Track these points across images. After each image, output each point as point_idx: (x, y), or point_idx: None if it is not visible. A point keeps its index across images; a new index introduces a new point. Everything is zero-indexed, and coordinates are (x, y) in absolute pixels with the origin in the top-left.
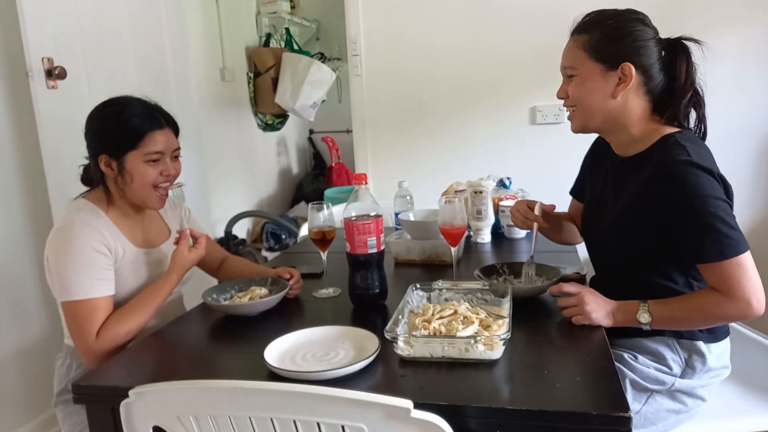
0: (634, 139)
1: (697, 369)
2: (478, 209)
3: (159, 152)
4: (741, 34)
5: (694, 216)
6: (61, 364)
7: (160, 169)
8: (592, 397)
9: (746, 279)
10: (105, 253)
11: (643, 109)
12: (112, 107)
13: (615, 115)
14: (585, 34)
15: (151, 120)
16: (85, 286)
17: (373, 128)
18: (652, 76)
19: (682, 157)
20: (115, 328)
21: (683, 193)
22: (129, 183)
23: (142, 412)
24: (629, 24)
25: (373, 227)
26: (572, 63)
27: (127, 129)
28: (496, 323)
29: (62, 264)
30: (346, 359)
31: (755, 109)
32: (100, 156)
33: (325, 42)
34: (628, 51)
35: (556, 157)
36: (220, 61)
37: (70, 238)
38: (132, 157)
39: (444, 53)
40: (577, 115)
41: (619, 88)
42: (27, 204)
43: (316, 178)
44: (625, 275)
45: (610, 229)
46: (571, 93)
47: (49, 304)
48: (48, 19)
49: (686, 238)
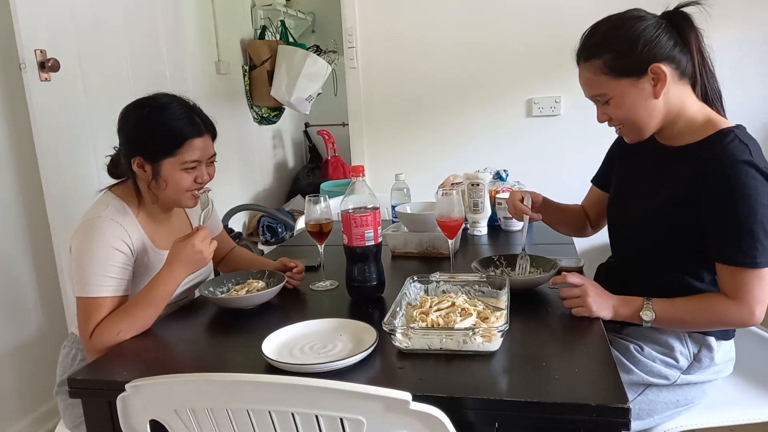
0: (685, 128)
1: (704, 364)
2: (475, 201)
3: (196, 161)
4: (739, 29)
5: (739, 217)
6: (66, 353)
7: (195, 175)
8: (591, 389)
9: (760, 290)
10: (125, 252)
11: (686, 93)
12: (150, 107)
13: (666, 111)
14: (595, 59)
15: (191, 125)
16: (97, 283)
17: (369, 121)
18: (678, 61)
19: (745, 156)
20: (107, 327)
21: (736, 193)
22: (162, 188)
23: (139, 406)
24: (632, 29)
25: (370, 219)
26: (600, 90)
27: (165, 134)
28: (493, 315)
29: (80, 257)
30: (344, 352)
31: (752, 102)
32: (134, 157)
33: (321, 34)
34: (647, 54)
35: (553, 149)
36: (215, 54)
37: (94, 233)
38: (168, 164)
39: (440, 46)
40: (630, 130)
41: (657, 88)
42: (21, 197)
43: (312, 172)
44: (649, 265)
45: (646, 217)
46: (613, 115)
47: (46, 298)
48: (41, 11)
49: (723, 236)
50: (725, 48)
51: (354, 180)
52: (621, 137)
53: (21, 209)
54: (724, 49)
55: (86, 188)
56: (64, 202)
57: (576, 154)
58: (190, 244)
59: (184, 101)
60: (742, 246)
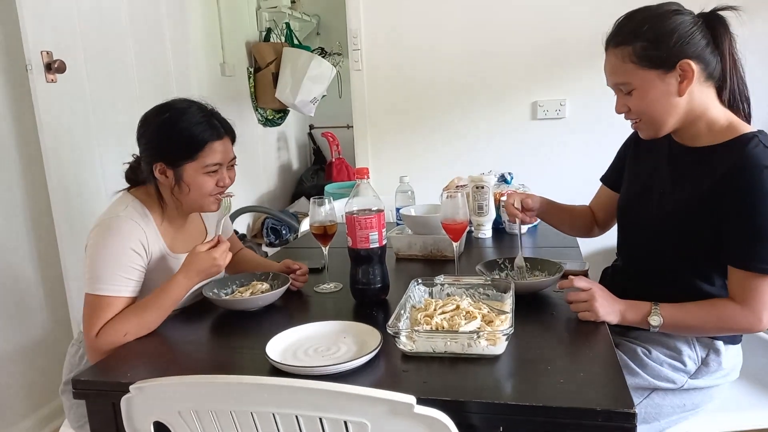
0: (705, 129)
1: (711, 368)
2: (480, 204)
3: (217, 164)
4: (745, 25)
5: (759, 224)
6: (74, 352)
7: (217, 179)
8: (596, 393)
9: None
10: (140, 253)
11: (710, 95)
12: (170, 112)
13: (686, 111)
14: (626, 46)
15: (211, 129)
16: (109, 282)
17: (374, 123)
18: (708, 61)
19: (767, 162)
20: (114, 328)
21: (758, 199)
22: (186, 193)
23: (142, 408)
24: (668, 21)
25: (374, 222)
26: (625, 78)
27: (185, 138)
28: (498, 318)
29: (96, 254)
30: (348, 354)
31: (759, 99)
32: (156, 164)
33: (326, 37)
34: (679, 49)
35: (558, 151)
36: (220, 56)
37: (112, 231)
38: (190, 168)
39: (445, 48)
40: (647, 125)
41: (683, 85)
42: (27, 198)
43: (317, 174)
44: (659, 268)
45: (661, 218)
46: (633, 107)
47: (51, 299)
48: (47, 13)
49: (739, 240)
50: None
51: (358, 182)
52: (635, 135)
53: (26, 210)
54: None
55: (91, 189)
56: (69, 203)
57: (581, 156)
58: (211, 256)
59: (202, 105)
60: (758, 251)
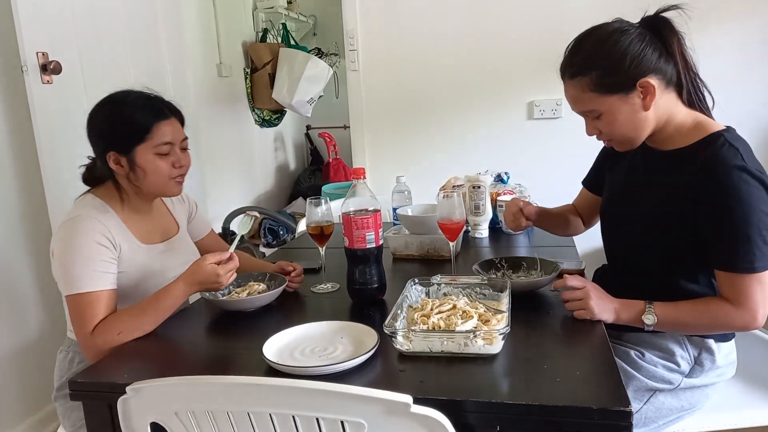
0: (674, 132)
1: (705, 367)
2: (476, 204)
3: (168, 143)
4: (740, 29)
5: (736, 224)
6: (63, 358)
7: (172, 160)
8: (593, 392)
9: (761, 294)
10: (108, 247)
11: (672, 100)
12: (112, 103)
13: (655, 121)
14: (581, 76)
15: (156, 111)
16: (85, 279)
17: (371, 123)
18: (664, 71)
19: (736, 161)
20: (109, 326)
21: (731, 199)
22: (143, 178)
23: (139, 409)
24: (617, 45)
25: (371, 222)
26: (590, 106)
27: (132, 123)
28: (495, 318)
29: (65, 256)
30: (345, 354)
31: (754, 103)
32: (108, 154)
33: (322, 37)
34: (634, 70)
35: (554, 151)
36: (216, 57)
37: (74, 231)
38: (142, 151)
39: (441, 48)
40: (620, 143)
41: (647, 101)
42: (23, 199)
43: (314, 174)
44: (643, 269)
45: (638, 221)
46: (604, 130)
47: (46, 301)
48: (43, 14)
49: (720, 242)
50: (726, 49)
51: (355, 182)
52: None
53: (22, 211)
54: (725, 50)
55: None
56: (65, 205)
57: (577, 156)
58: (215, 271)
59: (144, 92)
60: (739, 251)
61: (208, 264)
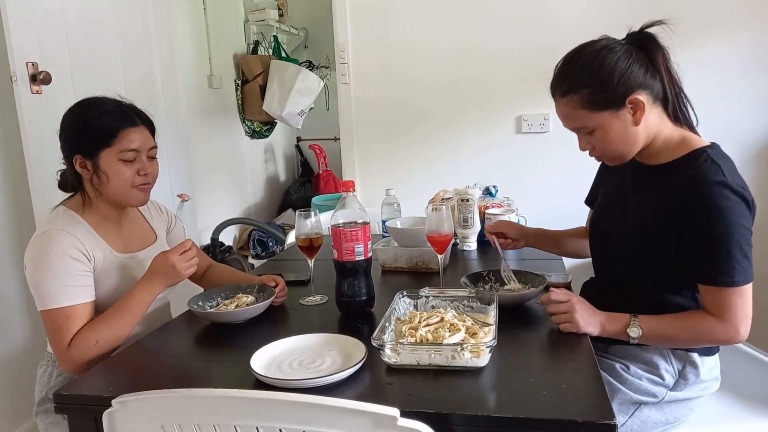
0: (662, 147)
1: (689, 380)
2: (465, 217)
3: (134, 150)
4: (728, 41)
5: (717, 239)
6: (43, 372)
7: (137, 168)
8: (578, 405)
9: (743, 308)
10: (81, 260)
11: (660, 114)
12: (83, 107)
13: (645, 136)
14: (572, 94)
15: (124, 117)
16: (58, 294)
17: (361, 136)
18: (651, 86)
19: (717, 177)
20: (85, 336)
21: (712, 215)
22: (105, 183)
23: (125, 422)
24: (605, 62)
25: (360, 234)
26: (582, 123)
27: (99, 126)
28: (482, 330)
29: (37, 272)
30: (333, 367)
31: (741, 116)
32: (74, 157)
33: (313, 50)
34: (623, 87)
35: (542, 165)
36: (207, 68)
37: (45, 246)
38: (106, 156)
39: (431, 63)
40: (613, 158)
41: (637, 116)
42: (9, 210)
43: (304, 186)
44: (629, 282)
45: (625, 236)
46: (597, 145)
47: (31, 312)
48: (33, 24)
49: (702, 257)
50: (708, 64)
51: (344, 195)
52: None
53: (10, 221)
54: (708, 65)
55: None
56: None
57: (564, 170)
58: (166, 257)
59: (117, 99)
60: (721, 266)
61: (161, 255)
